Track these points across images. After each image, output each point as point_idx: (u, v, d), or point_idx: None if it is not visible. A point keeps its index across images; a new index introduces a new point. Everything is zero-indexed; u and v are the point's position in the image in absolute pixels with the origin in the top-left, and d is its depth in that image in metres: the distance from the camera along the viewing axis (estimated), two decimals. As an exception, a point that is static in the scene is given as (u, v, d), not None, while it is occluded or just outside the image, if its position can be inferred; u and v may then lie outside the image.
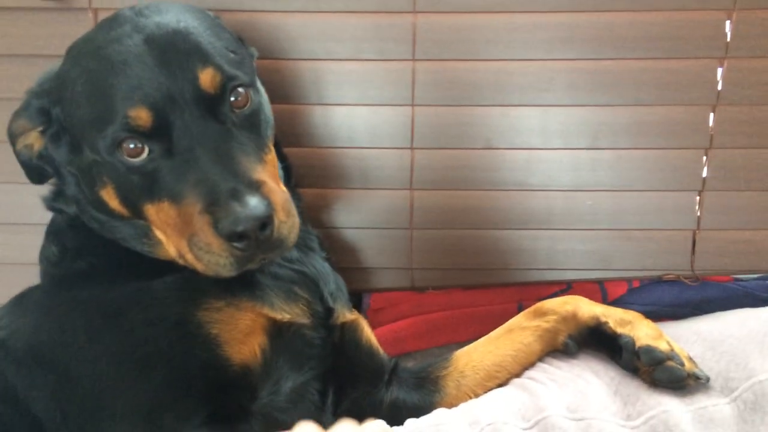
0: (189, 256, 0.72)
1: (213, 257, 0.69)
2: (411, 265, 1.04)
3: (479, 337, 0.96)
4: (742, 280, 1.05)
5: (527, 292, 1.06)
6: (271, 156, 0.78)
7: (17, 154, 0.82)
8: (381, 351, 0.93)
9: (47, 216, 0.85)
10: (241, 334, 0.73)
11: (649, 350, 0.84)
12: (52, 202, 0.85)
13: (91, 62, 0.74)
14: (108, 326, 0.72)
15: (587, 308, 0.90)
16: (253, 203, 0.66)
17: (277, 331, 0.77)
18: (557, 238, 1.03)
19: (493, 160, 1.00)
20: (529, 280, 1.05)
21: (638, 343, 0.85)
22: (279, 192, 0.72)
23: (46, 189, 0.85)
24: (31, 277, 0.83)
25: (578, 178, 1.00)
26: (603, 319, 0.89)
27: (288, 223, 0.71)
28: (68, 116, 0.76)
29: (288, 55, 0.96)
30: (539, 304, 0.94)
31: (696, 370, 0.82)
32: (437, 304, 1.07)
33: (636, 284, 1.05)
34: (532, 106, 0.97)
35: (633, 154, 0.99)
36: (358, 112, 0.99)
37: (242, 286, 0.77)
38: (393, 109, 0.98)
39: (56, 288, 0.80)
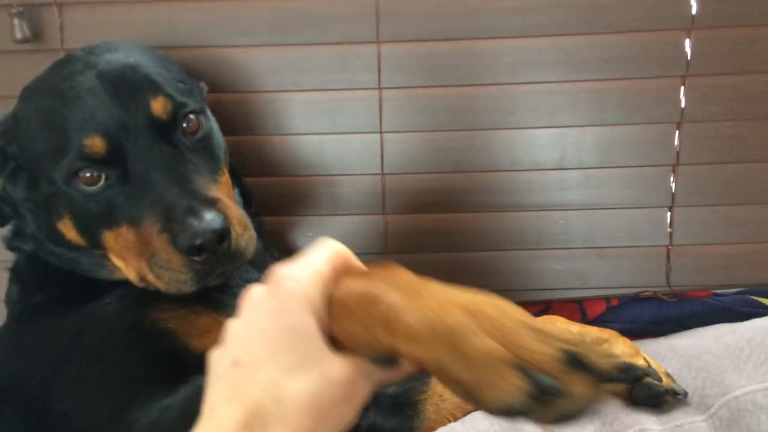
0: (150, 277, 0.73)
1: (174, 274, 0.70)
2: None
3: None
4: (721, 295, 1.05)
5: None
6: (225, 178, 0.81)
7: None
8: None
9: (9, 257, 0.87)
10: (199, 330, 0.74)
11: (626, 368, 0.83)
12: (11, 241, 0.87)
13: (44, 99, 0.77)
14: (68, 353, 0.73)
15: (562, 325, 0.90)
16: (210, 217, 0.68)
17: None
18: (533, 258, 1.03)
19: (463, 183, 1.01)
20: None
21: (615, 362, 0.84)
22: (234, 208, 0.74)
23: (6, 230, 0.87)
24: None
25: (548, 197, 1.01)
26: (575, 341, 0.88)
27: (245, 236, 0.73)
28: (24, 152, 0.78)
29: (256, 88, 0.98)
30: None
31: (674, 386, 0.81)
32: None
33: (614, 302, 1.05)
34: (498, 130, 0.99)
35: (601, 172, 1.00)
36: (328, 140, 1.00)
37: (197, 298, 0.77)
38: (362, 137, 1.00)
39: (17, 323, 0.82)
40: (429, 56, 0.96)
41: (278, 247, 0.96)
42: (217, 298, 0.79)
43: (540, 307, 1.07)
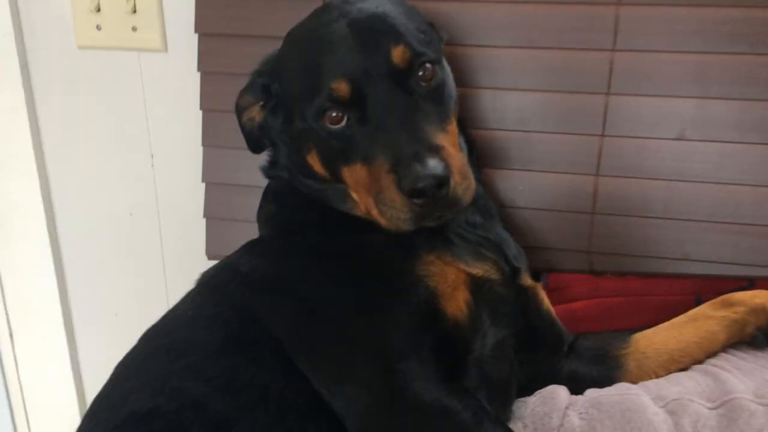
0: (375, 212, 0.81)
1: (395, 212, 0.78)
2: (590, 249, 1.07)
3: (652, 326, 0.98)
4: None
5: (707, 286, 1.07)
6: (452, 127, 0.86)
7: (242, 126, 0.96)
8: (560, 323, 0.98)
9: (253, 179, 0.99)
10: (450, 288, 0.81)
11: None
12: (269, 170, 0.98)
13: (303, 44, 0.86)
14: (336, 266, 0.83)
15: (779, 302, 0.91)
16: (432, 164, 0.74)
17: (475, 285, 0.84)
18: (744, 233, 1.02)
19: (684, 151, 1.01)
20: (709, 273, 1.05)
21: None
22: (457, 157, 0.80)
23: (262, 159, 0.98)
24: (240, 232, 0.96)
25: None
26: (796, 312, 0.89)
27: (463, 185, 0.78)
28: (284, 90, 0.89)
29: (491, 42, 1.04)
30: (727, 296, 0.95)
31: None
32: (613, 289, 1.10)
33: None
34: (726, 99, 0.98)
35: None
36: (550, 98, 1.04)
37: (442, 244, 0.85)
38: (584, 97, 1.03)
39: (282, 235, 0.93)
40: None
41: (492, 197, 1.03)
42: (450, 239, 0.87)
43: (743, 284, 1.06)
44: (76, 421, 0.80)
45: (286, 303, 0.81)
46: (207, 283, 0.88)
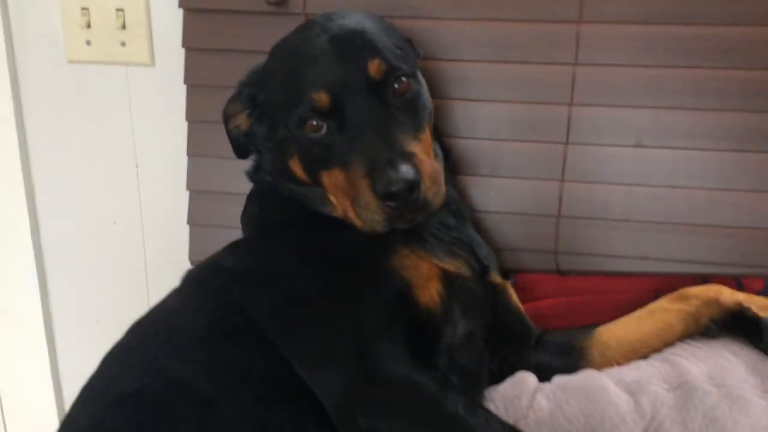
0: (351, 214, 0.87)
1: (370, 214, 0.84)
2: (556, 250, 1.14)
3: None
4: None
5: (664, 283, 1.13)
6: (426, 136, 0.92)
7: (229, 133, 1.02)
8: (528, 318, 1.04)
9: (236, 187, 1.05)
10: (423, 279, 0.87)
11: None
12: (254, 174, 1.04)
13: (287, 57, 0.93)
14: (316, 260, 0.88)
15: (730, 294, 0.98)
16: (404, 170, 0.81)
17: (447, 279, 0.90)
18: (698, 233, 1.10)
19: (641, 158, 1.10)
20: (666, 271, 1.12)
21: (780, 326, 0.92)
22: (428, 163, 0.86)
23: (247, 164, 1.04)
24: (223, 238, 0.99)
25: (723, 178, 1.08)
26: (746, 305, 0.96)
27: (433, 189, 0.85)
28: (269, 100, 0.95)
29: (464, 57, 1.12)
30: (682, 290, 1.02)
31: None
32: (578, 287, 1.16)
33: (775, 283, 1.11)
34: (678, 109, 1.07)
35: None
36: (517, 109, 1.12)
37: (416, 241, 0.91)
38: (549, 108, 1.11)
39: (264, 234, 0.98)
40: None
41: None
42: (424, 237, 0.93)
43: (697, 280, 1.13)
44: (54, 427, 0.82)
45: (268, 293, 0.86)
46: (192, 278, 0.93)
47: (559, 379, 0.93)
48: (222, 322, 0.83)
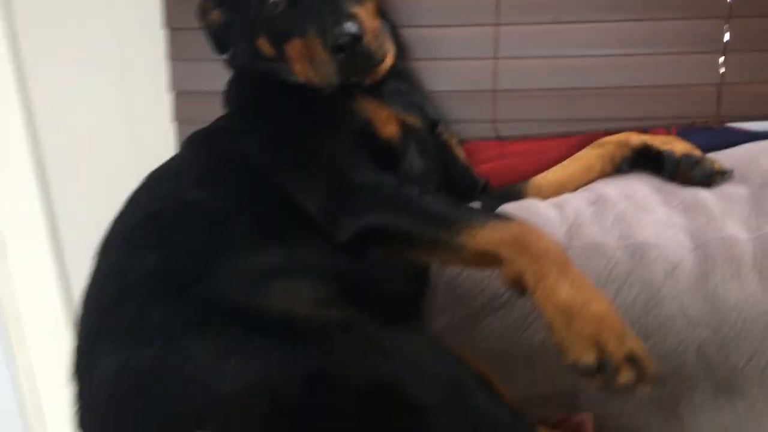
0: (311, 74, 1.03)
1: (324, 68, 1.00)
2: (495, 118, 1.32)
3: (549, 175, 1.25)
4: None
5: (590, 141, 1.30)
6: (369, 4, 1.06)
7: (207, 28, 1.16)
8: (473, 169, 1.22)
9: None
10: (382, 121, 1.03)
11: (686, 156, 1.12)
12: (231, 60, 1.19)
13: None
14: (294, 110, 1.05)
15: (637, 137, 1.19)
16: (348, 25, 0.97)
17: (403, 126, 1.06)
18: (610, 95, 1.29)
19: (562, 35, 1.28)
20: (592, 129, 1.31)
21: (678, 154, 1.13)
22: (369, 22, 1.02)
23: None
24: None
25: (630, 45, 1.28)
26: (649, 142, 1.17)
27: (375, 43, 1.01)
28: None
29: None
30: (600, 139, 1.23)
31: (722, 168, 1.09)
32: (516, 151, 1.35)
33: (674, 131, 1.31)
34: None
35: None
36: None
37: (375, 96, 1.07)
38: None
39: (246, 102, 1.13)
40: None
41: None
42: (383, 95, 1.08)
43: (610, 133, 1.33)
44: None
45: (257, 138, 1.02)
46: (189, 140, 1.08)
47: (501, 208, 1.12)
48: (220, 163, 0.99)
